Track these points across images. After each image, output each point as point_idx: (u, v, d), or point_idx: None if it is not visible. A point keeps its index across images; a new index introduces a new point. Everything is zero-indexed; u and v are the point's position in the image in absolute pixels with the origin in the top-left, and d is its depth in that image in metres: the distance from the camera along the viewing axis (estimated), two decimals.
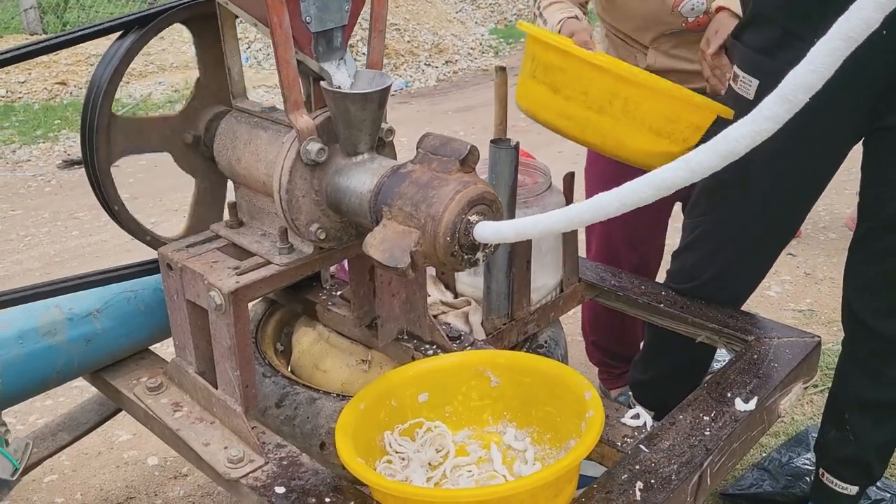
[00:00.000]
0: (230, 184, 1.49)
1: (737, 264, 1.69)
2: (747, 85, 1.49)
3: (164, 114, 1.36)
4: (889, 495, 1.89)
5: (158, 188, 4.18)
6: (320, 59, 1.22)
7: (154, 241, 1.44)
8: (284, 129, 1.29)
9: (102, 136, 1.32)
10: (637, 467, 1.26)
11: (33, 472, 2.08)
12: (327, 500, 1.19)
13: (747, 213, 1.60)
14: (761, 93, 1.47)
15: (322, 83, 1.19)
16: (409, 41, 7.37)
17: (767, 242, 1.67)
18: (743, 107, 1.52)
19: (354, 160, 1.23)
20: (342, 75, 1.22)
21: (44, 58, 6.12)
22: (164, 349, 1.67)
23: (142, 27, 1.32)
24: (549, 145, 4.68)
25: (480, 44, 7.83)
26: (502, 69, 1.62)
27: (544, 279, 1.78)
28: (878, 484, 1.90)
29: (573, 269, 1.84)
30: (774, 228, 1.64)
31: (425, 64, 7.17)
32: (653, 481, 1.23)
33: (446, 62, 7.28)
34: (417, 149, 1.16)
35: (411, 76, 6.90)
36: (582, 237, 2.57)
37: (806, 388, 1.62)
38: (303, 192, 1.23)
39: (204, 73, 1.43)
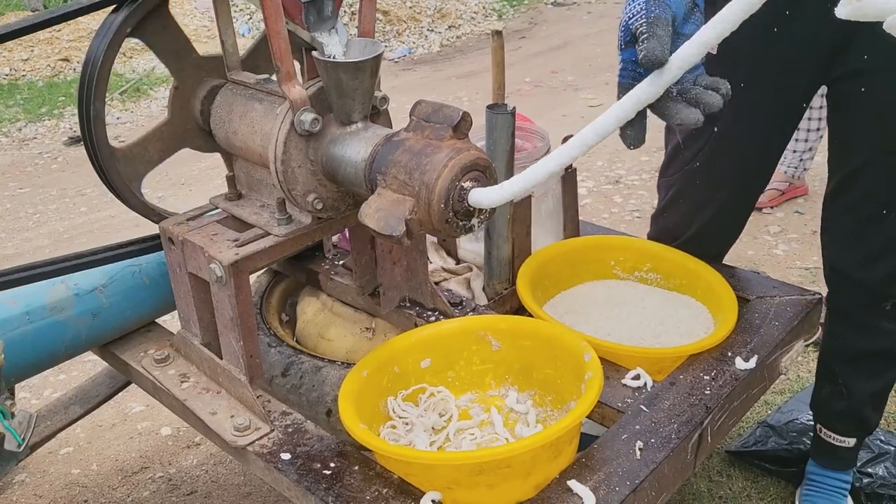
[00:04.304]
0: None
1: (717, 218, 1.71)
2: None
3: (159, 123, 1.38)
4: (893, 448, 1.90)
5: (165, 163, 4.19)
6: (311, 29, 1.22)
7: (158, 216, 1.46)
8: (279, 100, 1.28)
9: (100, 108, 1.32)
10: (637, 427, 1.28)
11: (49, 445, 2.13)
12: (332, 465, 1.22)
13: (719, 167, 1.63)
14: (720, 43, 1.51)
15: (314, 53, 1.19)
16: (411, 7, 7.29)
17: (742, 193, 1.70)
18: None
19: (348, 129, 1.23)
20: (334, 45, 1.22)
21: (46, 34, 6.09)
22: (171, 322, 1.69)
23: (133, 1, 1.32)
24: (552, 109, 4.65)
25: (483, 7, 7.71)
26: (498, 33, 1.60)
27: (545, 243, 1.78)
28: (882, 437, 1.91)
29: (574, 232, 1.84)
30: (746, 179, 1.67)
31: (428, 30, 7.09)
32: (653, 440, 1.25)
33: (449, 27, 7.19)
34: (410, 116, 1.16)
35: (414, 42, 6.83)
36: (589, 200, 2.56)
37: (808, 345, 1.63)
38: (298, 162, 1.23)
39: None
